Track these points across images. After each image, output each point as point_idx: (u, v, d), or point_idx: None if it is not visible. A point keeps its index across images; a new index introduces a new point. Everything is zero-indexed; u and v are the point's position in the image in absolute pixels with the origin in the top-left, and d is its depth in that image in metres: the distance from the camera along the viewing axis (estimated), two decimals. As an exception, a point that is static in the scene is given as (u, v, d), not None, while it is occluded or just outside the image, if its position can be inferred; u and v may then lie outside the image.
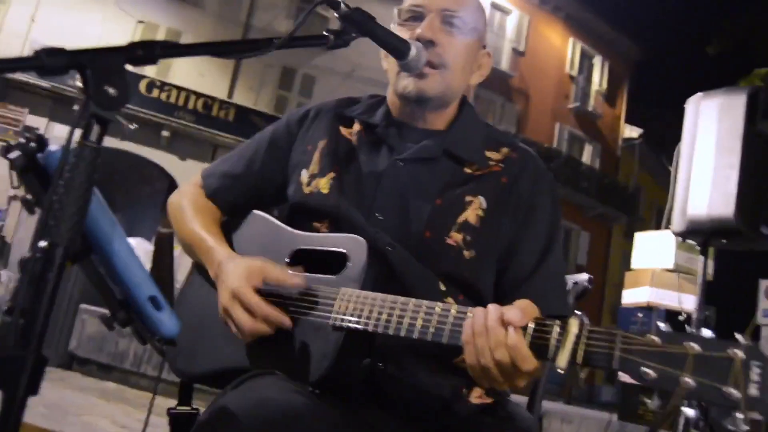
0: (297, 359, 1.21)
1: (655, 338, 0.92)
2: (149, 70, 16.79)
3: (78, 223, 0.81)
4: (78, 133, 0.84)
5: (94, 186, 0.85)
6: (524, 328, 1.02)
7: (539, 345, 1.00)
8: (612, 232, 25.14)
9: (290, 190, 1.44)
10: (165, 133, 16.75)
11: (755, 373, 0.86)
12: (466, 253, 1.30)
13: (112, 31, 16.88)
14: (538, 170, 1.42)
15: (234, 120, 17.03)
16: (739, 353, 0.87)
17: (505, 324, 1.02)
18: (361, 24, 1.20)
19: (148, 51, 0.89)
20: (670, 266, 5.22)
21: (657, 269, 5.19)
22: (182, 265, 1.64)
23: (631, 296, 6.34)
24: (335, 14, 1.17)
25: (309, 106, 1.55)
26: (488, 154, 1.41)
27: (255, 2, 18.65)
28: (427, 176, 1.36)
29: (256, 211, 1.46)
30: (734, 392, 0.85)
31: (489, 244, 1.33)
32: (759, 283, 8.72)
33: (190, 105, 16.88)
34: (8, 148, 0.92)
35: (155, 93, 16.49)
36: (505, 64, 22.51)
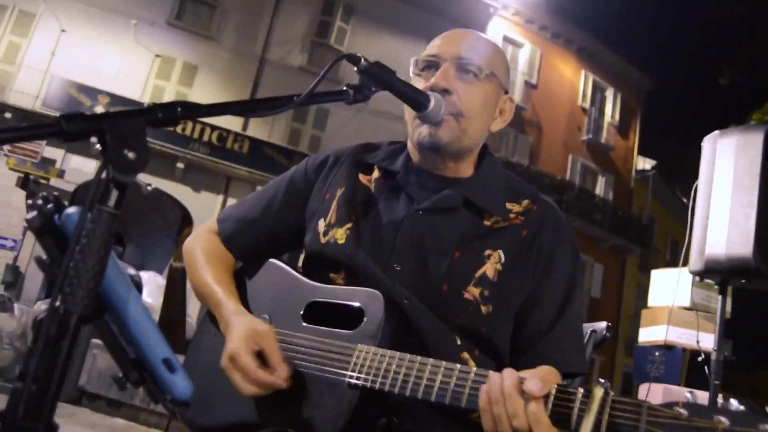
0: (311, 417, 1.18)
1: (683, 411, 0.89)
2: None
3: (93, 290, 0.80)
4: (96, 194, 0.83)
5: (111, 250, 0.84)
6: (545, 396, 0.99)
7: (561, 414, 0.97)
8: (626, 264, 24.93)
9: (307, 238, 1.43)
10: (179, 165, 16.90)
11: None
12: (483, 308, 1.28)
13: (130, 64, 17.20)
14: (559, 223, 1.40)
15: (248, 152, 17.16)
16: None
17: (523, 393, 0.99)
18: (380, 78, 1.19)
19: (168, 113, 0.89)
20: (687, 304, 5.14)
21: (674, 307, 5.11)
22: (194, 298, 1.63)
23: (648, 334, 6.23)
24: (355, 70, 1.17)
25: (328, 152, 1.54)
26: (509, 206, 1.39)
27: (270, 37, 18.92)
28: (446, 227, 1.34)
29: (272, 260, 1.45)
30: None
31: (507, 299, 1.30)
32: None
33: (205, 137, 17.05)
34: (26, 182, 0.92)
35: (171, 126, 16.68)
36: (517, 97, 22.60)
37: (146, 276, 8.61)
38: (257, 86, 18.47)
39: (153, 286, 8.92)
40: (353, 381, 1.15)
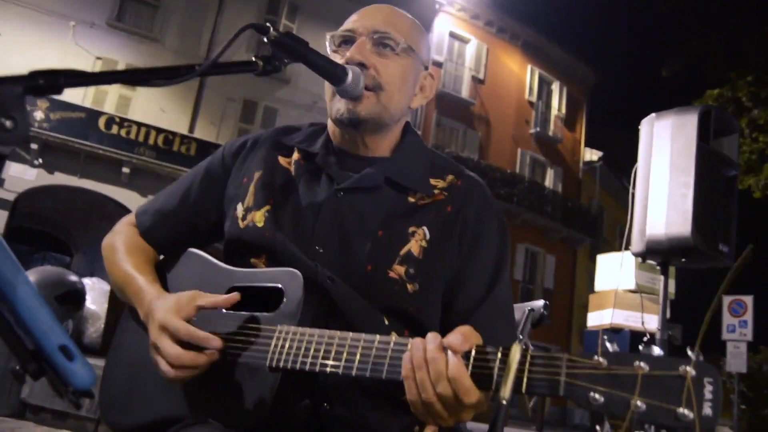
0: (233, 405, 1.13)
1: (602, 360, 0.86)
2: (108, 106, 16.62)
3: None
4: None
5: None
6: (467, 357, 0.96)
7: (482, 375, 0.94)
8: (577, 254, 25.40)
9: (226, 225, 1.38)
10: (125, 170, 16.49)
11: (708, 391, 0.81)
12: (409, 286, 1.25)
13: (70, 67, 16.66)
14: (485, 198, 1.37)
15: (195, 154, 16.84)
16: (691, 370, 0.82)
17: (444, 349, 0.96)
18: (292, 49, 1.15)
19: (50, 80, 0.82)
20: (632, 287, 5.24)
21: (619, 291, 5.20)
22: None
23: (595, 319, 6.34)
24: (263, 39, 1.12)
25: (246, 137, 1.49)
26: (433, 182, 1.36)
27: (214, 37, 18.63)
28: (368, 206, 1.30)
29: (191, 249, 1.39)
30: (687, 413, 0.80)
31: (433, 277, 1.27)
32: (722, 299, 8.86)
33: (151, 141, 16.67)
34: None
35: (114, 129, 16.27)
36: (465, 92, 22.80)
37: (90, 282, 8.34)
38: (203, 87, 18.17)
39: (97, 292, 8.68)
40: (273, 364, 1.10)
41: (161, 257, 1.46)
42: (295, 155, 1.40)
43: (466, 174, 1.40)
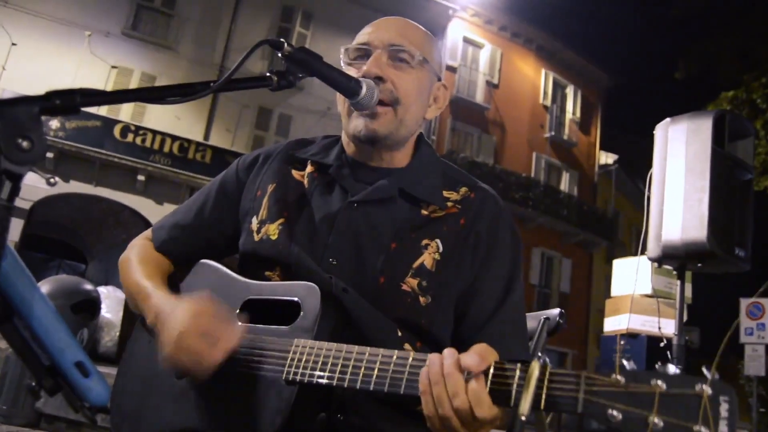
0: (248, 417, 1.13)
1: (620, 378, 0.88)
2: (124, 115, 16.75)
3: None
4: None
5: (8, 245, 0.78)
6: (485, 374, 0.96)
7: (500, 391, 0.95)
8: (593, 258, 25.23)
9: (241, 238, 1.38)
10: (141, 177, 16.62)
11: (724, 409, 0.82)
12: (422, 299, 1.25)
13: (86, 77, 16.84)
14: (497, 210, 1.37)
15: (210, 162, 16.95)
16: (707, 389, 0.83)
17: (462, 370, 0.96)
18: (306, 63, 1.16)
19: (66, 100, 0.83)
20: (648, 292, 5.20)
21: (636, 295, 5.16)
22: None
23: (612, 324, 6.30)
24: (278, 54, 1.13)
25: (259, 151, 1.50)
26: (446, 194, 1.36)
27: (229, 45, 18.75)
28: (382, 218, 1.30)
29: (204, 261, 1.40)
30: (704, 431, 0.81)
31: (445, 290, 1.27)
32: (739, 302, 8.76)
33: (166, 148, 16.79)
34: None
35: (130, 137, 16.40)
36: (480, 97, 22.75)
37: (105, 291, 8.39)
38: (218, 94, 18.25)
39: (112, 301, 8.73)
40: (290, 377, 1.10)
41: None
42: (309, 168, 1.41)
43: (479, 186, 1.41)
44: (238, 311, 1.26)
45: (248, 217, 1.39)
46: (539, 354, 0.96)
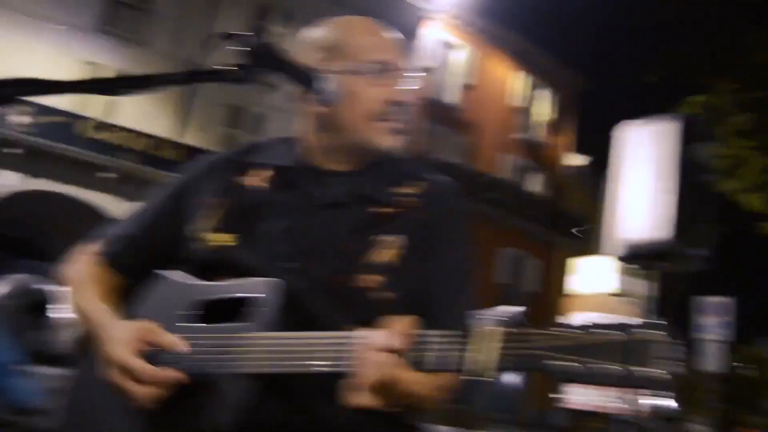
0: (200, 418, 1.13)
1: (578, 332, 0.92)
2: (94, 111, 16.45)
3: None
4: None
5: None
6: (405, 340, 1.02)
7: (417, 357, 1.01)
8: (562, 258, 25.44)
9: (191, 245, 1.34)
10: (111, 175, 16.38)
11: (677, 351, 0.87)
12: (381, 296, 1.25)
13: (57, 73, 16.54)
14: (453, 201, 1.39)
15: (183, 160, 16.77)
16: (658, 334, 0.87)
17: (384, 348, 1.02)
18: (267, 59, 1.16)
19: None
20: (613, 290, 5.26)
21: (601, 294, 5.23)
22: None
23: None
24: (238, 49, 1.13)
25: (207, 156, 1.47)
26: (405, 189, 1.36)
27: (206, 42, 18.56)
28: (338, 220, 1.30)
29: (157, 271, 1.35)
30: (661, 372, 0.86)
31: (405, 286, 1.27)
32: (696, 300, 9.04)
33: (137, 146, 16.59)
34: None
35: (100, 134, 16.16)
36: (454, 98, 22.86)
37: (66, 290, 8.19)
38: (192, 92, 18.09)
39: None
40: (241, 371, 1.11)
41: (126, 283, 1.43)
42: (261, 172, 1.38)
43: (437, 179, 1.41)
44: (187, 313, 1.24)
45: (198, 224, 1.35)
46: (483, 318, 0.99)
